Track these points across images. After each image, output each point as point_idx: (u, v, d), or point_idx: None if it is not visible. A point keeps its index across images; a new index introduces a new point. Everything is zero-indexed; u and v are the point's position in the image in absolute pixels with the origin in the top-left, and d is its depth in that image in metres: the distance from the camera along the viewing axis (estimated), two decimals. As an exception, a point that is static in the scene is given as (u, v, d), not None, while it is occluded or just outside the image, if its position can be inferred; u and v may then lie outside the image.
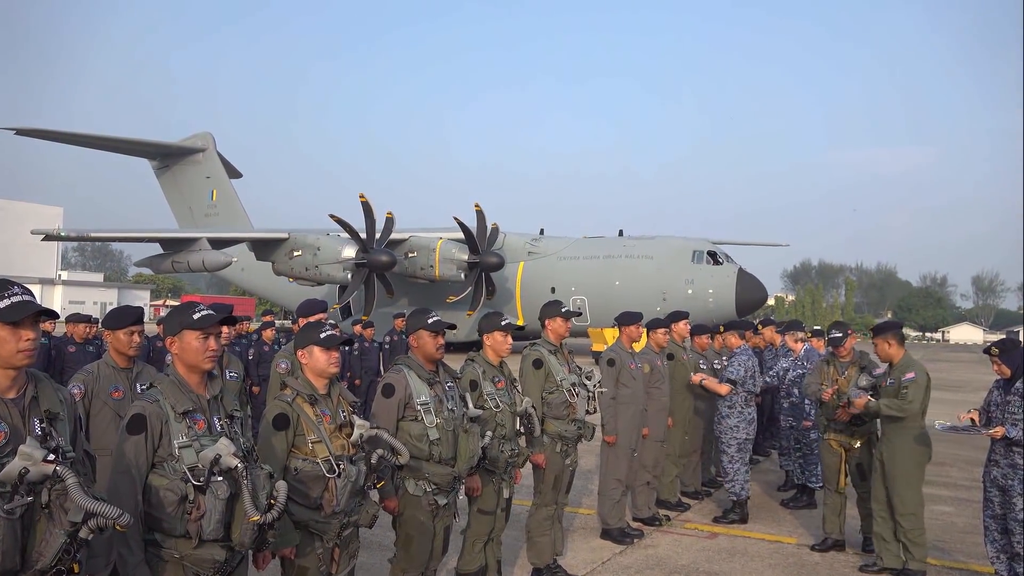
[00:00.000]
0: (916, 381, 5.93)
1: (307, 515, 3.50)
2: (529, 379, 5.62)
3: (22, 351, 2.51)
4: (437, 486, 4.24)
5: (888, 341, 6.14)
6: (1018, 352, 5.39)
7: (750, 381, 7.64)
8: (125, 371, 4.58)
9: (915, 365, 6.06)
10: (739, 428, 7.63)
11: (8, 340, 2.50)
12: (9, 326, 2.50)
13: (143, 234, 29.95)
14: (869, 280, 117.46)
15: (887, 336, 6.15)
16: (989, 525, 5.42)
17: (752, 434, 7.76)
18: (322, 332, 3.69)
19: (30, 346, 2.53)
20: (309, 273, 27.32)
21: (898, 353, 6.13)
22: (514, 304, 30.32)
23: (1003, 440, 5.22)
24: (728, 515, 7.51)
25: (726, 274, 27.75)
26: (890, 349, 6.14)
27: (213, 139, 35.34)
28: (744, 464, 7.63)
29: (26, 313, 2.52)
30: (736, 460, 7.60)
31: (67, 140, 34.14)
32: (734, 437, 7.63)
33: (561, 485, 5.75)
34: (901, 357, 6.13)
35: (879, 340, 6.19)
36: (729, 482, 7.63)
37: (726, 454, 7.66)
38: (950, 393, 21.80)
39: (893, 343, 6.14)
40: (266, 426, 3.54)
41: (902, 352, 6.15)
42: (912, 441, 5.96)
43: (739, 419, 7.64)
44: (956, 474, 10.00)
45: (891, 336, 6.14)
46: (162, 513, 2.87)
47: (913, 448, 5.96)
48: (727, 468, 7.65)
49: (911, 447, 5.96)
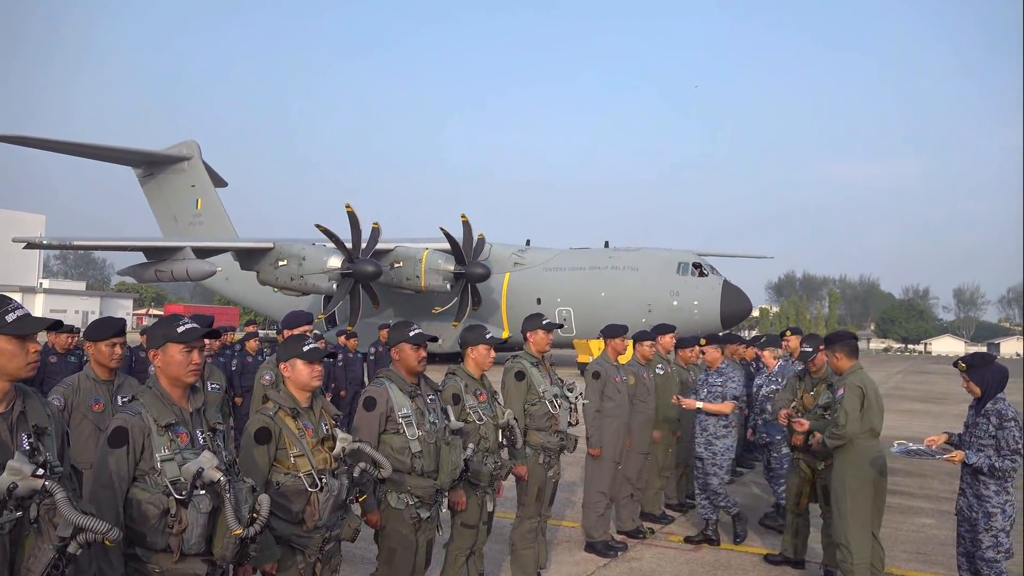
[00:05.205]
0: (846, 398, 5.44)
1: (289, 530, 3.49)
2: (511, 391, 5.63)
3: (31, 364, 2.59)
4: (419, 499, 4.23)
5: (836, 353, 5.70)
6: (989, 369, 5.01)
7: (744, 398, 7.48)
8: (106, 383, 4.55)
9: (848, 380, 5.55)
10: (732, 449, 7.35)
11: (17, 354, 2.57)
12: (17, 340, 2.56)
13: (126, 242, 29.71)
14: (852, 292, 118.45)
15: (835, 348, 5.72)
16: (961, 563, 5.08)
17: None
18: (305, 345, 3.68)
19: (36, 359, 2.62)
20: (294, 283, 27.22)
21: (845, 366, 5.66)
22: (500, 315, 30.33)
23: (967, 467, 4.93)
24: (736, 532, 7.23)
25: (711, 286, 27.91)
26: (837, 362, 5.70)
27: (198, 147, 35.17)
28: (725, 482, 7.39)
29: (40, 328, 2.61)
30: (725, 480, 7.31)
31: (51, 147, 33.89)
32: (727, 458, 7.30)
33: (544, 497, 5.75)
34: (846, 371, 5.65)
35: (827, 351, 5.82)
36: (723, 502, 7.16)
37: (717, 476, 7.16)
38: (934, 405, 21.97)
39: (841, 355, 5.67)
40: (248, 440, 3.52)
41: (849, 365, 5.67)
42: (850, 465, 5.46)
43: (734, 440, 7.38)
44: (937, 486, 10.08)
45: (839, 348, 5.69)
46: (143, 527, 2.85)
47: (852, 472, 5.45)
48: (718, 491, 7.15)
49: (849, 470, 5.47)
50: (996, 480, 4.87)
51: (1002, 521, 4.86)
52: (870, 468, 5.44)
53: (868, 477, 5.44)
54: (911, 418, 17.96)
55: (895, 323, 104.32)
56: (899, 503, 8.94)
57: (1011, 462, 4.81)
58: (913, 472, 10.72)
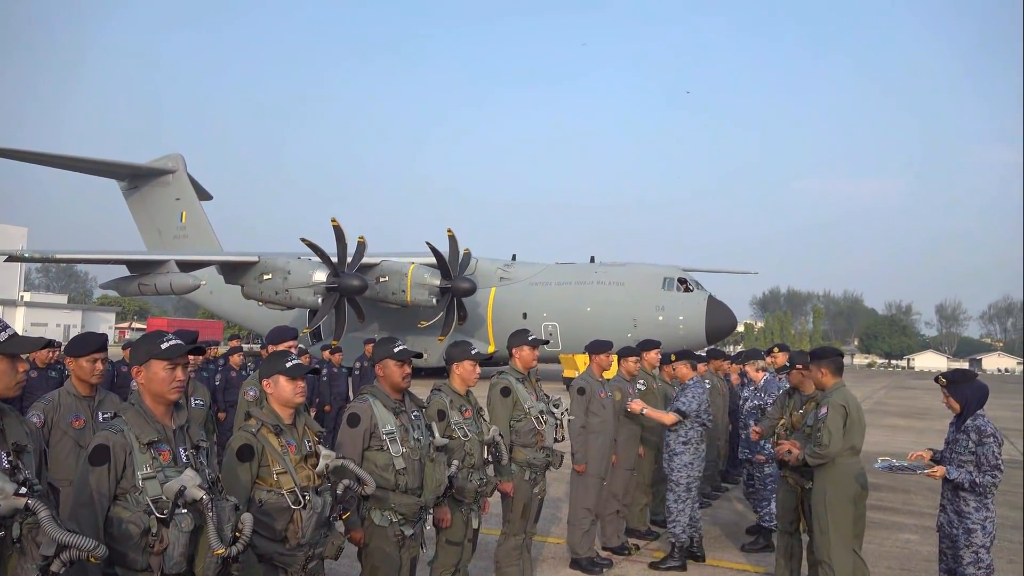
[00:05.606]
0: (829, 417, 5.41)
1: (272, 548, 3.45)
2: (497, 407, 5.63)
3: (19, 383, 2.66)
4: (403, 516, 4.21)
5: (821, 369, 5.66)
6: (969, 386, 5.06)
7: (705, 415, 7.16)
8: (87, 399, 4.51)
9: (831, 398, 5.53)
10: (693, 466, 7.04)
11: (7, 373, 2.62)
12: (8, 359, 2.61)
13: (109, 255, 29.49)
14: (836, 308, 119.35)
15: (821, 364, 5.67)
16: None
17: (702, 471, 7.25)
18: (288, 361, 3.66)
19: (24, 378, 2.69)
20: (279, 297, 27.11)
21: (829, 383, 5.64)
22: (486, 330, 30.31)
23: (948, 483, 4.96)
24: (667, 561, 6.91)
25: (696, 301, 28.05)
26: (822, 378, 5.67)
27: (183, 160, 35.06)
28: (691, 505, 7.03)
29: (34, 348, 2.67)
30: (682, 500, 6.98)
31: (33, 160, 33.67)
32: (687, 475, 7.01)
33: (530, 514, 5.73)
34: (829, 388, 5.63)
35: (812, 367, 5.77)
36: (671, 523, 6.97)
37: (673, 492, 7.02)
38: (916, 421, 22.11)
39: (826, 372, 5.65)
40: (230, 457, 3.49)
41: (833, 382, 5.65)
42: (832, 482, 5.43)
43: (694, 456, 7.05)
44: (920, 502, 10.12)
45: (825, 364, 5.65)
46: (124, 546, 2.81)
47: (833, 490, 5.42)
48: (671, 508, 7.00)
49: (830, 488, 5.44)
50: (976, 496, 4.91)
51: (982, 537, 4.89)
52: (852, 485, 5.43)
53: (849, 494, 5.43)
54: (894, 433, 18.06)
55: (878, 339, 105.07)
56: (882, 519, 8.98)
57: (991, 477, 4.85)
58: (896, 488, 10.77)
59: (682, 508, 6.98)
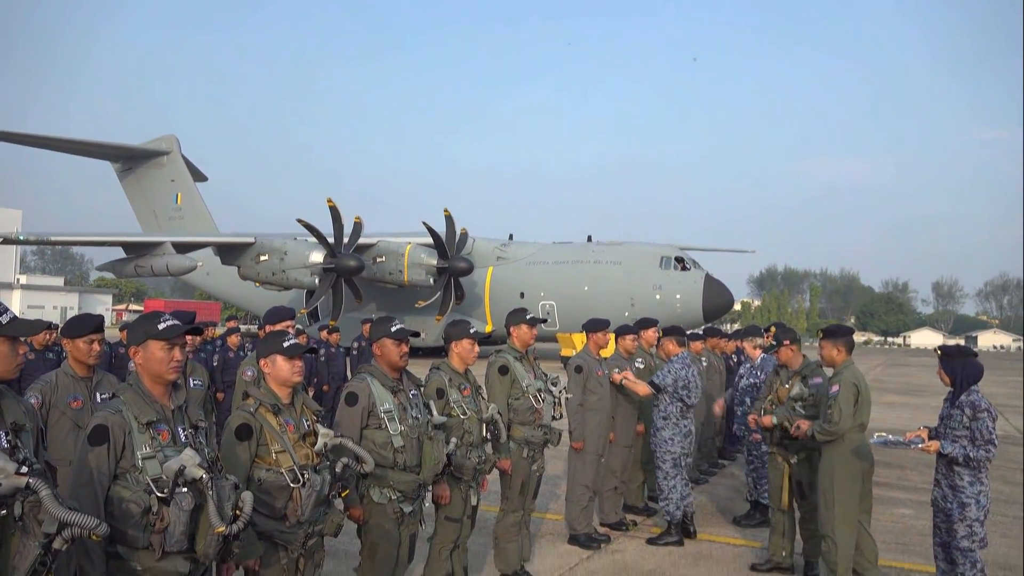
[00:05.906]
0: (841, 395, 5.48)
1: (271, 526, 3.48)
2: (495, 385, 5.65)
3: (19, 365, 2.68)
4: (402, 494, 4.23)
5: (837, 347, 5.74)
6: (962, 361, 5.12)
7: (684, 391, 7.11)
8: (84, 380, 4.51)
9: (843, 376, 5.58)
10: (673, 442, 7.05)
11: (8, 355, 2.63)
12: (9, 341, 2.62)
13: (105, 237, 29.43)
14: (833, 286, 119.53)
15: (837, 342, 5.76)
16: (937, 553, 5.13)
17: (689, 448, 7.25)
18: (285, 341, 3.67)
19: (23, 360, 2.71)
20: (276, 278, 27.07)
21: (841, 360, 5.72)
22: (483, 309, 30.35)
23: (943, 457, 5.01)
24: (664, 537, 6.97)
25: (693, 280, 28.09)
26: (837, 356, 5.74)
27: (178, 142, 34.86)
28: (681, 481, 7.05)
29: (35, 331, 2.69)
30: (671, 476, 7.01)
31: (27, 142, 33.48)
32: (668, 451, 7.06)
33: (528, 491, 5.78)
34: (839, 365, 5.72)
35: (827, 343, 5.81)
36: (663, 500, 7.04)
37: (660, 470, 7.09)
38: (913, 397, 22.23)
39: (842, 349, 5.74)
40: (229, 437, 3.51)
41: (843, 360, 5.73)
42: (839, 458, 5.50)
43: (674, 432, 7.07)
44: (915, 477, 10.20)
45: (841, 342, 5.76)
46: (125, 525, 2.83)
47: (840, 465, 5.49)
48: (661, 485, 7.07)
49: (838, 464, 5.50)
50: (971, 470, 4.95)
51: (976, 511, 4.93)
52: (859, 461, 5.50)
53: (857, 470, 5.50)
54: (891, 410, 18.16)
55: (875, 316, 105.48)
56: (879, 494, 9.00)
57: (985, 452, 4.89)
58: (892, 463, 10.84)
59: (673, 484, 7.02)
